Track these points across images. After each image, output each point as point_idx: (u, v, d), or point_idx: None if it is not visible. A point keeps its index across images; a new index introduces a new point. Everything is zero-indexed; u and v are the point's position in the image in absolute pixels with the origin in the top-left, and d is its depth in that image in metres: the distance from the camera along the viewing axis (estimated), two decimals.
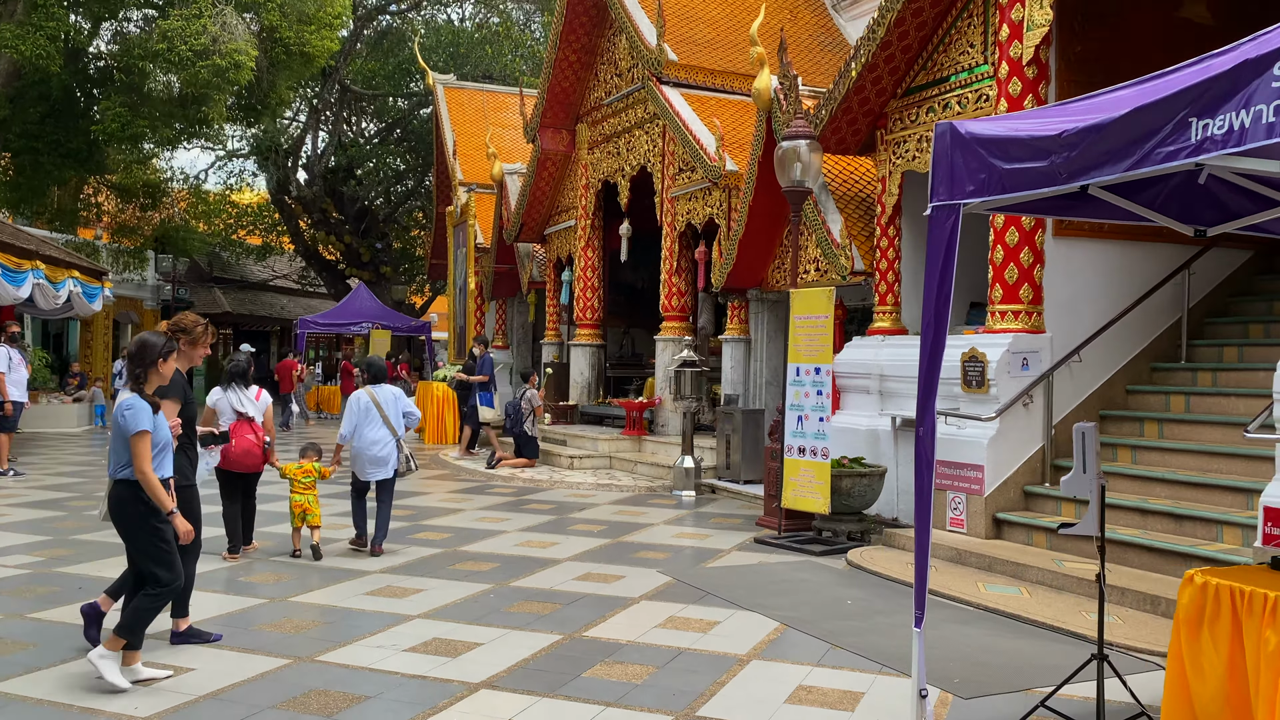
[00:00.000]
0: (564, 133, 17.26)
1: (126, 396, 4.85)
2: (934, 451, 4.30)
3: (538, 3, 32.55)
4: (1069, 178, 3.67)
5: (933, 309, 4.27)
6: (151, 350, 4.91)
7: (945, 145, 4.22)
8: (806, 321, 9.08)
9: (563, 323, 18.88)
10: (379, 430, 8.27)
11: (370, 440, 8.24)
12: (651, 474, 13.11)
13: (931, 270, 4.26)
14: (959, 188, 4.16)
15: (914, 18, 9.43)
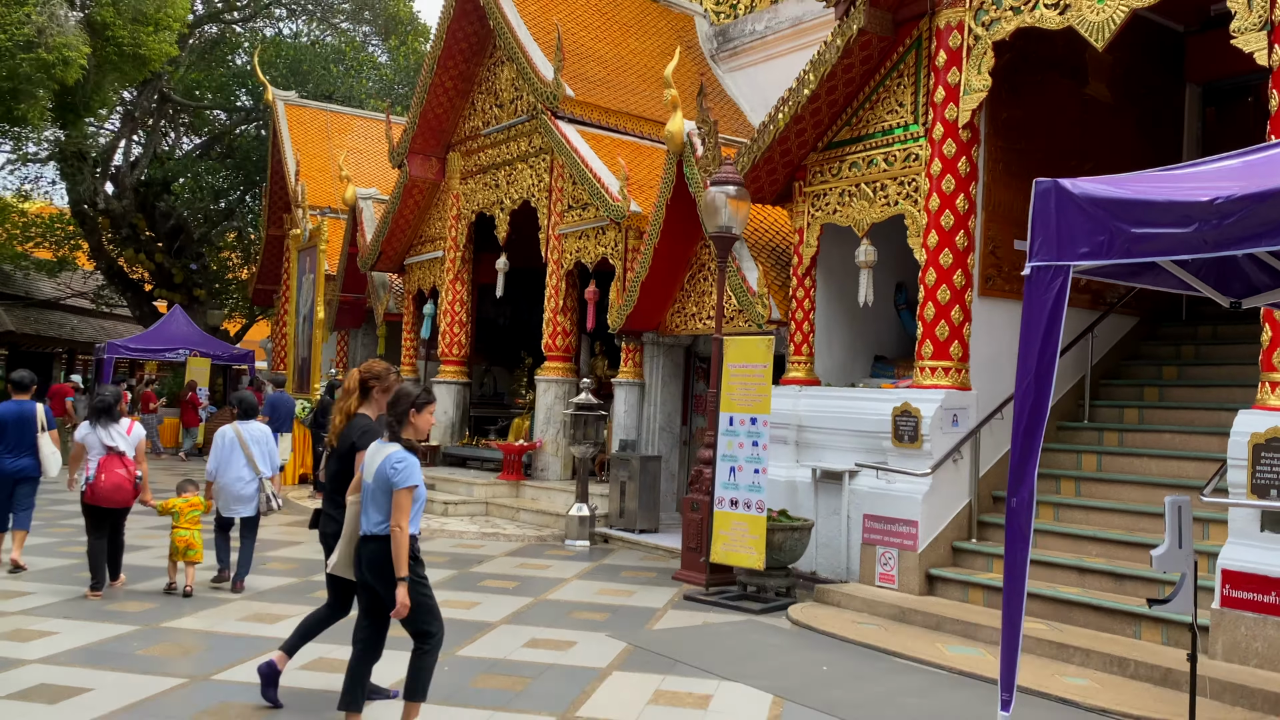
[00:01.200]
0: (434, 160, 16.51)
1: (395, 450, 4.59)
2: (1030, 524, 4.09)
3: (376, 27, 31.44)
4: (1215, 246, 3.58)
5: (1033, 373, 4.08)
6: (405, 400, 4.72)
7: (1048, 204, 4.08)
8: (741, 370, 8.86)
9: (420, 358, 17.96)
10: (244, 468, 8.21)
11: (234, 477, 8.20)
12: (537, 522, 12.50)
13: (1031, 332, 4.08)
14: (1068, 249, 4.01)
15: (844, 73, 9.50)
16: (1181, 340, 10.30)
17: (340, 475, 5.16)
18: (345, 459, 5.13)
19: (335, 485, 5.21)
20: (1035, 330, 4.07)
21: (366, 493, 4.67)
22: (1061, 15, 8.07)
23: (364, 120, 24.76)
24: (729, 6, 17.18)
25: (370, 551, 4.66)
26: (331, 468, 5.24)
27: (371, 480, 4.61)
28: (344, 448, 5.15)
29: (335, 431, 5.24)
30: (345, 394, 5.31)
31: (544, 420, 13.87)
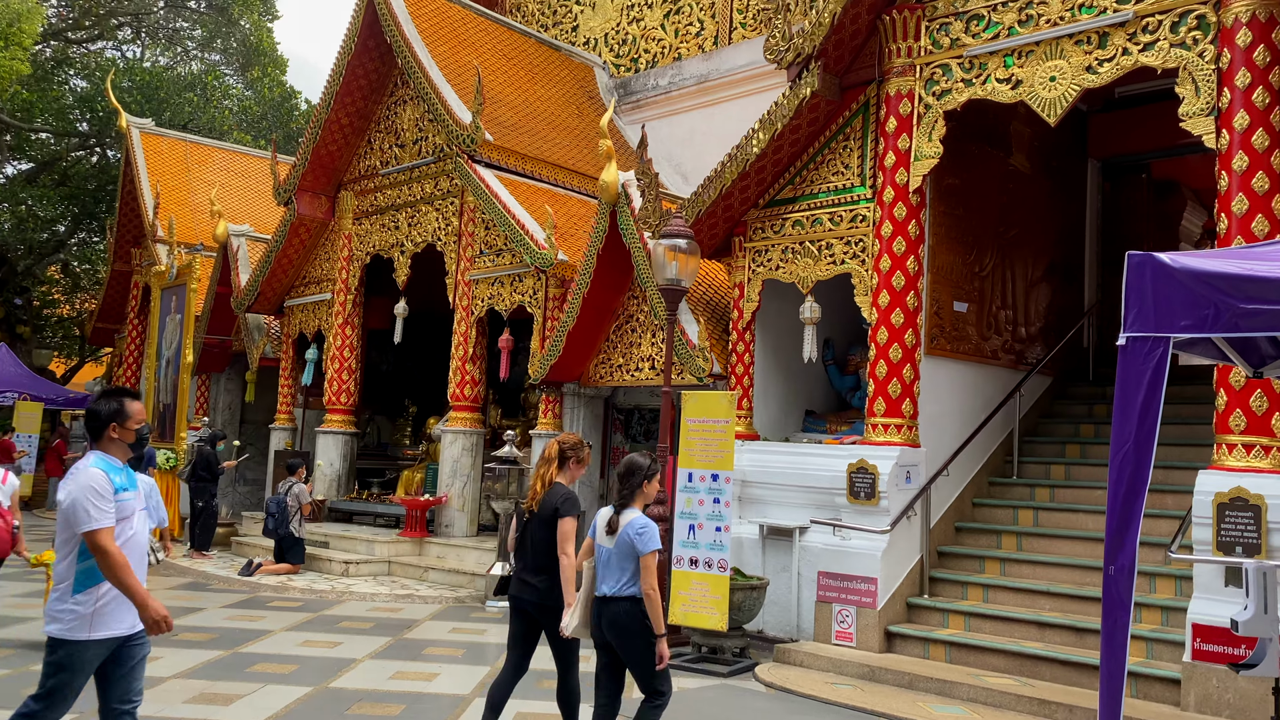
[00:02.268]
0: (323, 198, 15.76)
1: (637, 516, 4.97)
2: (1130, 591, 4.11)
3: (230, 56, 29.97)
4: None
5: (1132, 440, 4.12)
6: (639, 472, 5.10)
7: (1145, 276, 4.16)
8: (702, 425, 8.74)
9: (298, 405, 16.97)
10: None
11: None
12: (450, 582, 11.91)
13: (1129, 401, 4.13)
14: (1167, 320, 4.09)
15: (791, 134, 9.65)
16: (1092, 400, 10.88)
17: (546, 541, 5.27)
18: (549, 525, 5.27)
19: (536, 550, 5.32)
20: (1133, 399, 4.12)
21: (605, 557, 4.99)
22: (1014, 90, 8.46)
23: (226, 153, 23.50)
24: (629, 60, 17.29)
25: (615, 612, 4.91)
26: (535, 533, 5.34)
27: (613, 546, 4.95)
28: (547, 513, 5.31)
29: (535, 498, 5.41)
30: (545, 462, 5.49)
31: (449, 473, 13.31)
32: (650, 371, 11.43)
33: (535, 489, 5.43)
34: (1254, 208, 7.16)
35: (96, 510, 4.01)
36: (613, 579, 4.91)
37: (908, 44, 9.11)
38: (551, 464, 5.46)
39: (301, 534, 12.37)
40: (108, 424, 4.22)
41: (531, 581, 5.30)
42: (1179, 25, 7.63)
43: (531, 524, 5.36)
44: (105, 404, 4.25)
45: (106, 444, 4.24)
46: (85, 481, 4.06)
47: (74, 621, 4.06)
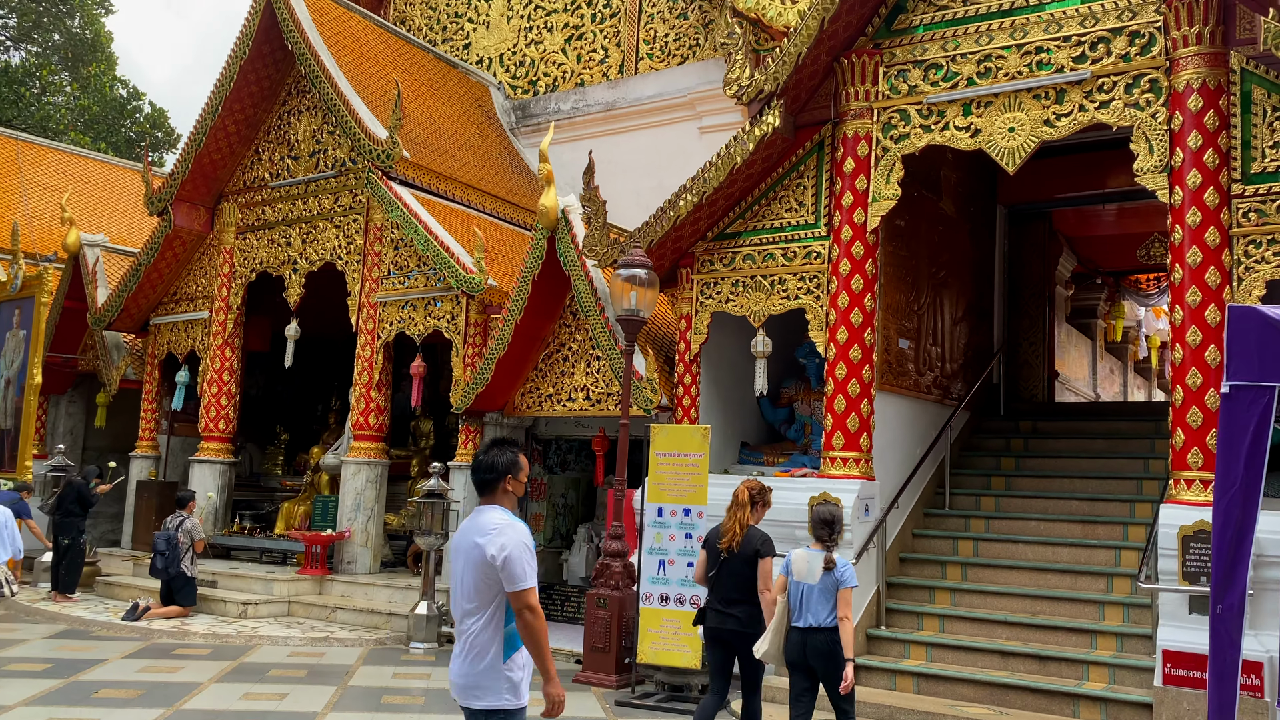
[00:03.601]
0: (202, 210, 14.68)
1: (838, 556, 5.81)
2: (1239, 630, 4.29)
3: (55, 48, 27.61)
4: None
5: (1239, 483, 4.32)
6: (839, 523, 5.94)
7: (1248, 328, 4.38)
8: (672, 459, 8.61)
9: (163, 433, 15.65)
10: None
11: None
12: (363, 622, 11.22)
13: (1234, 445, 4.34)
14: (1272, 370, 4.31)
15: (747, 169, 9.70)
16: (1007, 434, 11.46)
17: (746, 577, 6.07)
18: (750, 563, 6.09)
19: (736, 585, 6.10)
20: (1239, 444, 4.32)
21: (806, 592, 5.74)
22: (973, 138, 8.84)
23: (62, 154, 21.58)
24: (527, 82, 17.03)
25: (820, 641, 5.66)
26: (735, 570, 6.11)
27: (817, 582, 5.71)
28: (748, 553, 6.11)
29: (735, 539, 6.15)
30: (738, 507, 6.25)
31: (352, 507, 12.57)
32: (584, 402, 11.19)
33: (734, 530, 6.16)
34: (1206, 260, 7.73)
35: (530, 568, 3.82)
36: (817, 612, 5.69)
37: (865, 87, 9.37)
38: (745, 508, 6.23)
39: (194, 573, 11.36)
40: (504, 476, 3.99)
41: (733, 613, 6.07)
42: (1132, 87, 8.18)
43: (731, 562, 6.12)
44: (500, 455, 4.01)
45: (500, 496, 3.99)
46: (519, 538, 3.83)
47: (511, 691, 3.78)
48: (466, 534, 3.92)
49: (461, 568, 3.89)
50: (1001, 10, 8.82)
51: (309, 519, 14.14)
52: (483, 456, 4.03)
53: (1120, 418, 12.22)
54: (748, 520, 6.19)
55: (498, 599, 3.81)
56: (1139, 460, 10.30)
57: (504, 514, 3.93)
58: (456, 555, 3.98)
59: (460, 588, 3.90)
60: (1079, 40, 8.41)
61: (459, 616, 3.92)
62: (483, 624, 3.82)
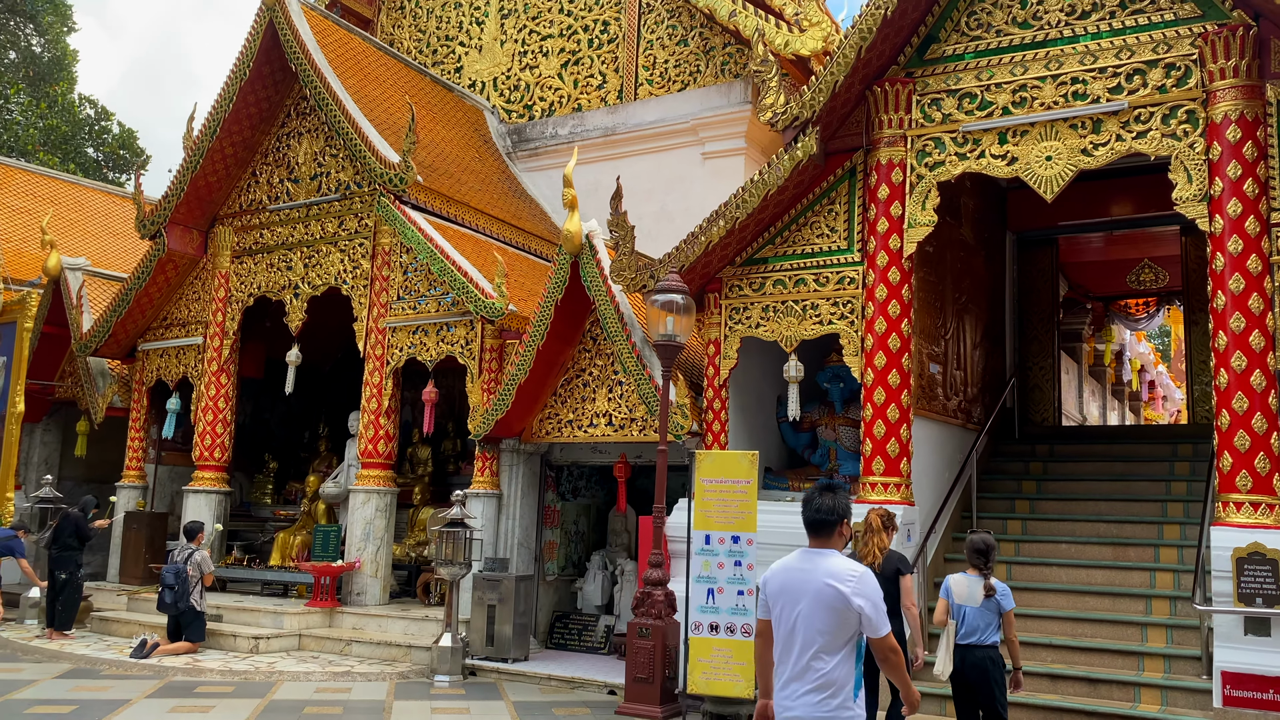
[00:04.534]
0: (195, 233, 14.34)
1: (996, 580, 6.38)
2: None
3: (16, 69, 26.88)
4: None
5: None
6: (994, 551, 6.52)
7: None
8: (719, 486, 8.54)
9: (150, 461, 15.20)
10: None
11: None
12: (380, 655, 10.94)
13: None
14: None
15: (778, 195, 9.74)
16: (1025, 458, 11.58)
17: (889, 594, 6.13)
18: (892, 580, 6.79)
19: None
20: None
21: (966, 614, 6.35)
22: (1010, 166, 8.96)
23: (29, 175, 20.95)
24: (522, 107, 16.95)
25: (977, 656, 6.29)
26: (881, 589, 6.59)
27: (978, 605, 6.31)
28: (890, 571, 6.82)
29: (877, 560, 6.84)
30: (875, 532, 6.92)
31: (361, 536, 12.28)
32: (607, 428, 11.09)
33: (875, 553, 6.87)
34: (1249, 287, 7.90)
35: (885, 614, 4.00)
36: (976, 631, 6.30)
37: (898, 115, 9.46)
38: (880, 533, 6.94)
39: (203, 607, 11.00)
40: (841, 520, 4.11)
41: None
42: (1170, 118, 8.36)
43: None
44: (838, 500, 4.12)
45: (834, 539, 4.11)
46: (875, 585, 4.00)
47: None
48: (810, 574, 3.99)
49: (808, 607, 3.95)
50: (1035, 42, 8.97)
51: (307, 549, 13.80)
52: (819, 500, 4.11)
53: (1134, 440, 12.43)
54: (884, 543, 6.93)
55: (852, 640, 3.97)
56: (1159, 482, 10.47)
57: (848, 560, 4.06)
58: (793, 594, 4.01)
59: (802, 626, 3.97)
60: (1114, 71, 8.59)
61: (797, 653, 3.98)
62: (838, 663, 3.94)
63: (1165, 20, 8.48)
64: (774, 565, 4.19)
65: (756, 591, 8.43)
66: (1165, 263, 14.91)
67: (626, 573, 12.06)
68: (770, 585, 4.14)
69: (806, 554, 4.09)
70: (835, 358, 10.81)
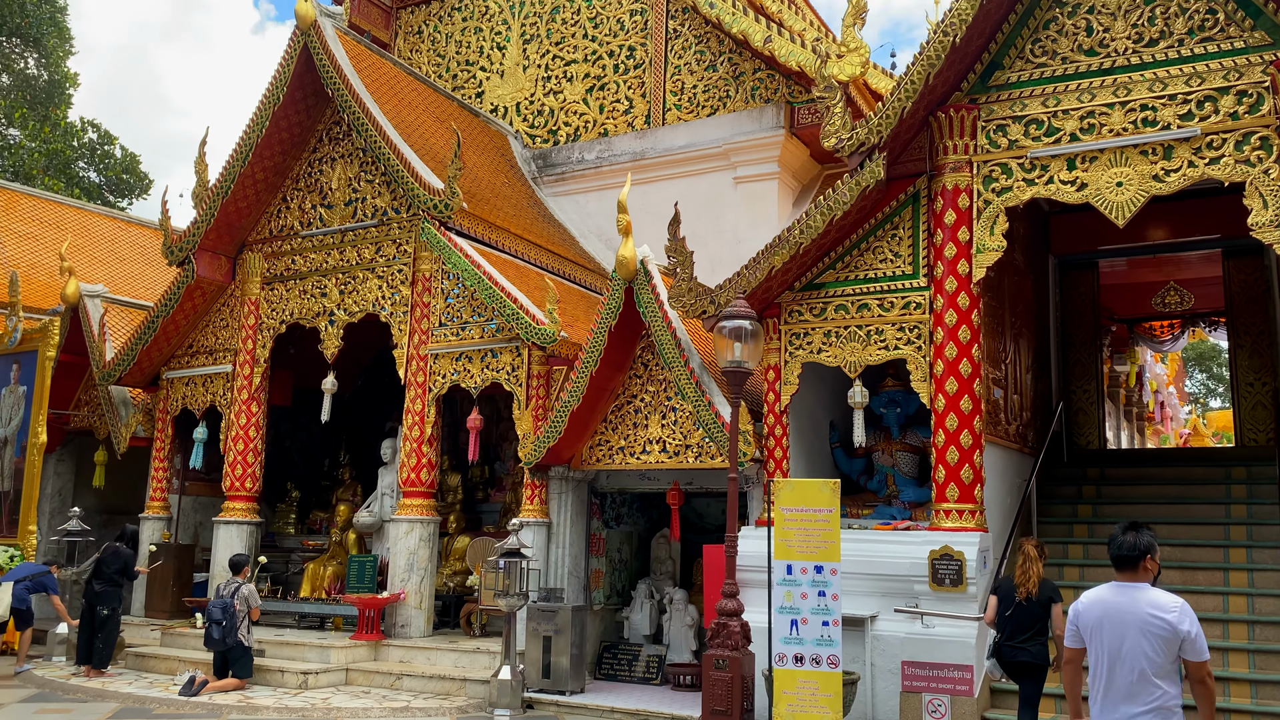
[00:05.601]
0: (223, 259, 14.15)
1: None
2: None
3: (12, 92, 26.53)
4: None
5: None
6: None
7: None
8: (799, 514, 8.46)
9: (174, 492, 14.91)
10: None
11: None
12: (434, 689, 10.73)
13: None
14: None
15: (842, 219, 9.74)
16: (1077, 481, 11.59)
17: (1040, 619, 7.28)
18: (1045, 606, 7.29)
19: (1032, 625, 7.30)
20: None
21: None
22: (1079, 191, 9.00)
23: (34, 200, 20.66)
24: (547, 132, 16.91)
25: None
26: (1032, 612, 7.30)
27: None
28: (1043, 598, 7.31)
29: (1033, 587, 7.31)
30: (1032, 561, 7.37)
31: (405, 567, 12.08)
32: (661, 454, 10.99)
33: (1032, 579, 7.30)
34: None
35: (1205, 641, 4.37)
36: None
37: (964, 141, 9.50)
38: (1036, 561, 7.36)
39: (250, 643, 10.75)
40: (1145, 555, 4.55)
41: (1026, 648, 7.28)
42: (1243, 144, 8.43)
43: (1029, 606, 7.28)
44: (1141, 537, 4.59)
45: (1140, 573, 4.55)
46: (1194, 615, 4.40)
47: None
48: (1132, 605, 4.43)
49: (1135, 636, 4.37)
50: (1103, 69, 9.04)
51: (339, 580, 13.56)
52: (1124, 538, 4.63)
53: (1184, 463, 12.49)
54: (1041, 572, 7.36)
55: (1176, 663, 4.39)
56: (1219, 505, 10.50)
57: (1164, 592, 4.50)
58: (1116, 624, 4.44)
59: (1129, 653, 4.39)
60: (1185, 98, 8.67)
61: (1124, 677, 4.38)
62: (1168, 685, 4.36)
63: (1235, 48, 8.57)
64: (1085, 598, 4.69)
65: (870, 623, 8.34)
66: (1193, 285, 15.05)
67: (675, 601, 11.93)
68: (1085, 617, 4.60)
69: (1119, 587, 4.56)
70: (891, 383, 10.83)
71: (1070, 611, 4.78)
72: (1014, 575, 7.41)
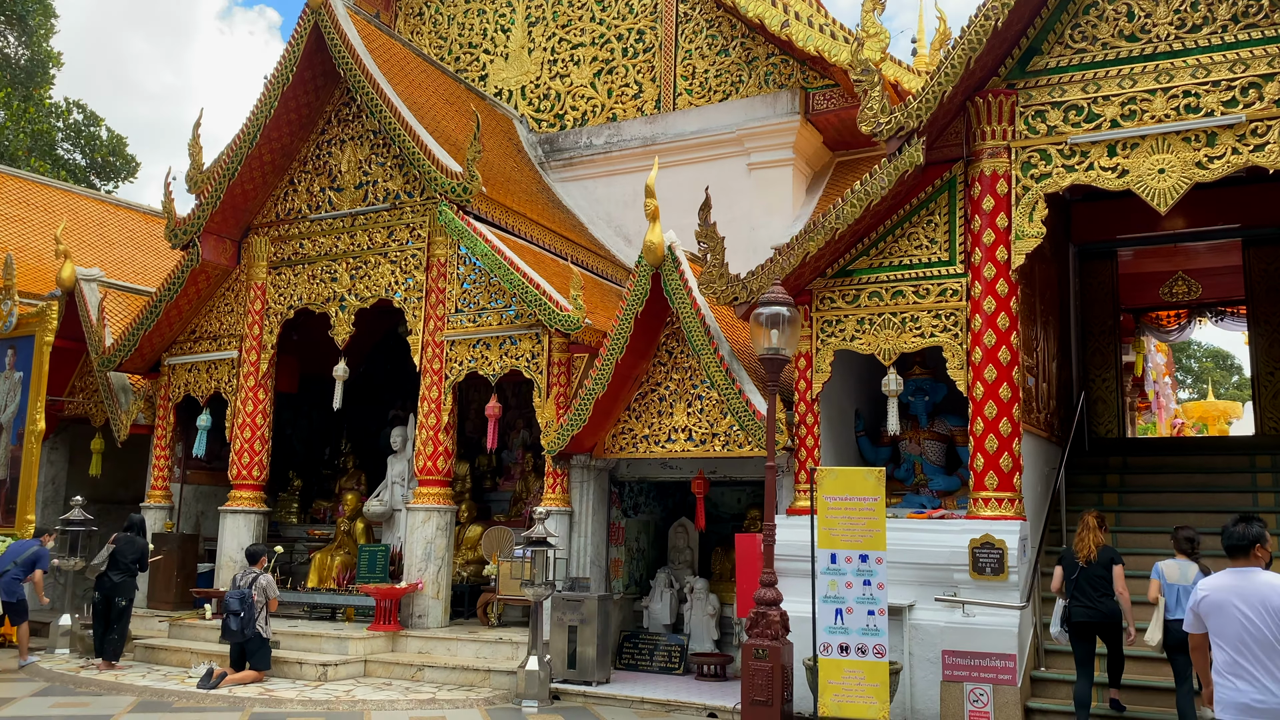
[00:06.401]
0: (228, 243, 13.84)
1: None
2: None
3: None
4: None
5: None
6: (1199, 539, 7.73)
7: None
8: (844, 503, 8.35)
9: (175, 480, 14.61)
10: None
11: None
12: (458, 680, 10.56)
13: None
14: None
15: (880, 204, 9.61)
16: (1100, 470, 11.59)
17: (1105, 579, 8.04)
18: (1107, 568, 8.05)
19: (1098, 586, 8.04)
20: None
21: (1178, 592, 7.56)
22: (1120, 178, 8.94)
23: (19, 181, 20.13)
24: (553, 116, 16.67)
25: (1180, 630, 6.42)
26: (1095, 575, 8.08)
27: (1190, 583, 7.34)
28: (1104, 560, 8.08)
29: (1092, 553, 8.13)
30: (1091, 530, 8.22)
31: (422, 556, 11.88)
32: (686, 443, 10.86)
33: (1090, 546, 8.14)
34: None
35: None
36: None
37: (1001, 126, 9.40)
38: (1095, 530, 8.21)
39: (269, 634, 10.52)
40: (1255, 544, 4.94)
41: (1098, 607, 7.99)
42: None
43: (1092, 569, 8.06)
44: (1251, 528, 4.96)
45: (1253, 560, 4.92)
46: None
47: None
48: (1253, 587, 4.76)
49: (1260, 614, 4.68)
50: (1144, 55, 8.97)
51: (348, 570, 13.37)
52: (1236, 529, 5.03)
53: (1206, 452, 12.51)
54: (1100, 539, 8.17)
55: None
56: (1245, 494, 10.52)
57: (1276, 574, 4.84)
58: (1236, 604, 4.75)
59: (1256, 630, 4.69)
60: (1228, 85, 8.61)
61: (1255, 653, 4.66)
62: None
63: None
64: (1204, 584, 5.02)
65: (907, 611, 8.25)
66: (1203, 275, 15.11)
67: (696, 590, 11.82)
68: (1207, 602, 4.91)
69: (1236, 573, 4.92)
70: (918, 370, 10.75)
71: (1190, 599, 5.12)
72: (1073, 544, 8.19)
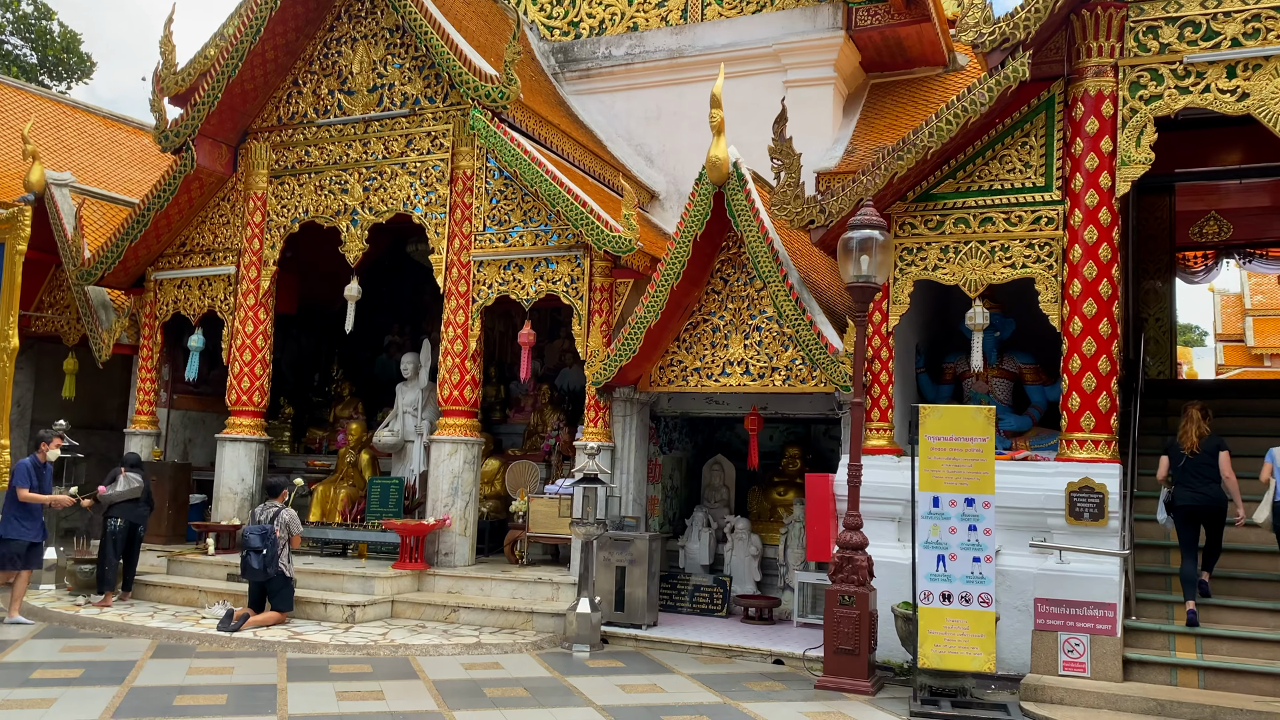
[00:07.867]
0: (224, 148, 12.65)
1: None
2: None
3: None
4: None
5: None
6: None
7: None
8: (948, 443, 7.78)
9: (162, 405, 13.57)
10: None
11: None
12: (497, 623, 9.90)
13: None
14: None
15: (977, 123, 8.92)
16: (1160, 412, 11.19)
17: (1212, 466, 8.28)
18: (1213, 455, 8.30)
19: (1205, 474, 8.27)
20: None
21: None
22: (1240, 102, 8.36)
23: None
24: (567, 24, 15.54)
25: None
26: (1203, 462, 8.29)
27: None
28: (1211, 448, 8.32)
29: (1195, 443, 8.37)
30: (1192, 422, 8.43)
31: (449, 490, 11.11)
32: (744, 377, 10.19)
33: (1193, 437, 8.38)
34: None
35: None
36: None
37: (1109, 43, 8.74)
38: (1197, 422, 8.41)
39: (291, 573, 9.72)
40: None
41: (1205, 493, 8.23)
42: None
43: (1198, 458, 8.31)
44: None
45: None
46: None
47: None
48: None
49: None
50: None
51: (353, 503, 12.57)
52: None
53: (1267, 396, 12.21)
54: (1204, 430, 8.39)
55: None
56: None
57: None
58: None
59: None
60: None
61: None
62: None
63: None
64: None
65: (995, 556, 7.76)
66: (1233, 215, 14.75)
67: (738, 530, 11.30)
68: None
69: None
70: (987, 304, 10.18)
71: None
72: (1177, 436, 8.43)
